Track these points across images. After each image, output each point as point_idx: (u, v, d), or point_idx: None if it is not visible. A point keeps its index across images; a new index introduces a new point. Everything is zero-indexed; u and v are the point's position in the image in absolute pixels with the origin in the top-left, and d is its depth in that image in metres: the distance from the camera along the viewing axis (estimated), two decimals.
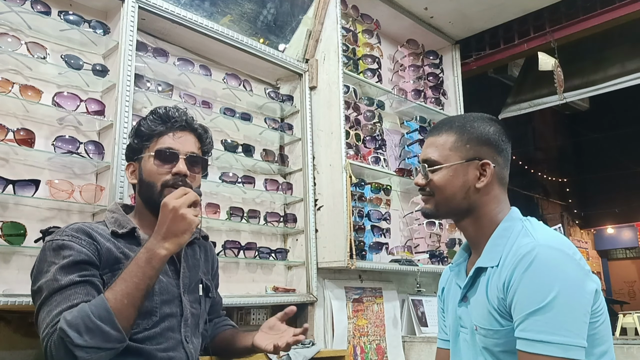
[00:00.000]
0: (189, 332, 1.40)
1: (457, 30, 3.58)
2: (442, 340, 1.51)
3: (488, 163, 1.29)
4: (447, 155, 1.31)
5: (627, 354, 2.22)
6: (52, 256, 1.25)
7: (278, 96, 2.75)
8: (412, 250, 3.20)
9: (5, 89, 1.76)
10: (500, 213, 1.31)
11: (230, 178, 2.42)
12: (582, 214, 10.60)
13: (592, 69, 3.87)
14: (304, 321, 2.58)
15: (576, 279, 1.12)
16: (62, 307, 1.17)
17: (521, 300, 1.13)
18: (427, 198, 1.36)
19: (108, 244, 1.32)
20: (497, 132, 1.33)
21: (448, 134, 1.33)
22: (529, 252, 1.14)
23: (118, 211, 1.45)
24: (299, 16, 2.86)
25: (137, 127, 1.48)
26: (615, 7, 3.25)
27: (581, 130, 9.58)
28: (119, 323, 1.15)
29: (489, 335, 1.21)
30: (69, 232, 1.29)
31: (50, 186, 1.82)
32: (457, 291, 1.37)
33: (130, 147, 1.50)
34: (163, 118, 1.45)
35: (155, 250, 1.23)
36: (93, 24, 2.02)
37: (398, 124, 3.42)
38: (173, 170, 1.40)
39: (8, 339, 1.75)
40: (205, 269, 1.58)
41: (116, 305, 1.16)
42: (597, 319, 1.16)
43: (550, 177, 9.29)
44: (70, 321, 1.13)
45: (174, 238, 1.25)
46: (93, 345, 1.12)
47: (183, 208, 1.25)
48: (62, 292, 1.19)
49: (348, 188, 2.60)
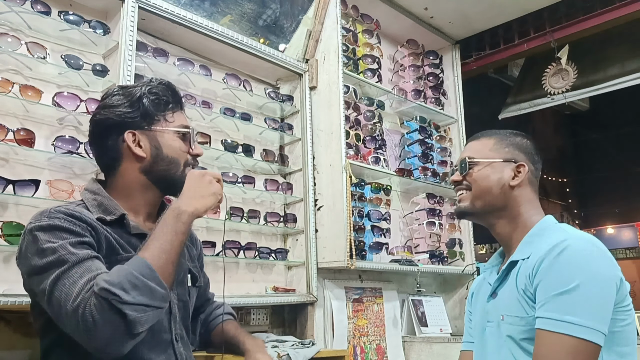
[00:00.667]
0: (178, 329, 1.31)
1: (457, 30, 3.58)
2: (466, 343, 1.54)
3: (523, 164, 1.38)
4: (487, 154, 1.41)
5: None
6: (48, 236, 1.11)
7: (278, 96, 2.75)
8: (412, 250, 3.20)
9: (5, 89, 1.76)
10: (534, 216, 1.37)
11: (230, 178, 2.42)
12: (582, 214, 10.59)
13: (592, 69, 3.86)
14: (304, 321, 2.59)
15: (605, 271, 1.16)
16: (88, 277, 1.05)
17: (548, 282, 1.16)
18: (464, 195, 1.42)
19: (103, 231, 1.20)
20: (533, 147, 1.44)
21: (488, 138, 1.44)
22: (561, 242, 1.18)
23: (101, 192, 1.29)
24: (299, 16, 2.86)
25: (152, 91, 1.31)
26: (615, 7, 3.25)
27: (581, 130, 9.57)
28: (162, 280, 1.09)
29: (515, 323, 1.23)
30: (59, 215, 1.15)
31: (50, 186, 1.82)
32: (487, 289, 1.40)
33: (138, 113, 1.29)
34: (172, 90, 1.36)
35: (182, 208, 1.19)
36: (93, 24, 2.02)
37: (398, 124, 3.42)
38: (194, 151, 1.36)
39: (8, 339, 1.75)
40: (190, 255, 1.47)
41: (155, 262, 1.09)
42: (625, 317, 1.19)
43: (550, 177, 9.28)
44: (111, 280, 1.03)
45: (201, 199, 1.22)
46: (142, 302, 1.04)
47: (210, 176, 1.26)
48: (82, 264, 1.07)
49: (348, 188, 2.60)
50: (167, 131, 1.32)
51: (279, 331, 2.62)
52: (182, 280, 1.38)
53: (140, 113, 1.29)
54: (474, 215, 1.44)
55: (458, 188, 1.45)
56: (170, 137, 1.32)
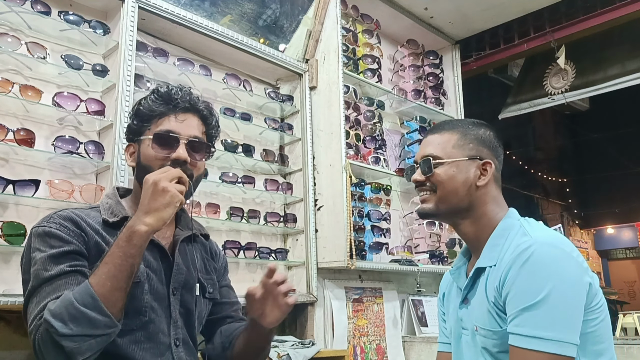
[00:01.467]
0: (180, 334, 1.31)
1: (457, 30, 3.58)
2: (443, 344, 1.51)
3: (489, 162, 1.31)
4: (450, 152, 1.33)
5: (627, 354, 2.23)
6: (39, 243, 1.18)
7: (278, 96, 2.75)
8: (412, 250, 3.20)
9: (5, 89, 1.76)
10: (498, 214, 1.31)
11: (230, 178, 2.42)
12: (582, 214, 10.59)
13: (592, 69, 3.86)
14: (304, 321, 2.59)
15: (573, 275, 1.12)
16: (50, 298, 1.11)
17: (516, 295, 1.12)
18: (428, 196, 1.34)
19: (97, 236, 1.24)
20: (494, 137, 1.36)
21: (450, 133, 1.35)
22: (526, 249, 1.14)
23: (113, 197, 1.36)
24: (299, 16, 2.86)
25: (137, 107, 1.37)
26: (615, 7, 3.25)
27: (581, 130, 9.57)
28: (106, 308, 1.08)
29: (488, 336, 1.20)
30: (57, 220, 1.22)
31: (50, 186, 1.82)
32: (457, 294, 1.37)
33: (130, 128, 1.39)
34: (165, 98, 1.34)
35: (135, 227, 1.14)
36: (93, 24, 2.02)
37: (398, 124, 3.42)
38: (172, 155, 1.29)
39: (8, 339, 1.75)
40: (206, 267, 1.47)
41: (100, 290, 1.09)
42: (596, 316, 1.16)
43: (550, 177, 9.29)
44: (53, 311, 1.07)
45: (155, 212, 1.15)
46: (79, 333, 1.06)
47: (164, 181, 1.17)
48: (52, 282, 1.13)
49: (348, 188, 2.60)
50: (146, 139, 1.33)
51: (279, 331, 2.62)
52: (189, 289, 1.36)
53: (131, 126, 1.38)
54: (437, 217, 1.40)
55: (421, 188, 1.36)
56: (147, 144, 1.32)
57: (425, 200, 1.35)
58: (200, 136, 1.36)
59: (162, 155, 1.30)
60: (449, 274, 1.46)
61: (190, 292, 1.37)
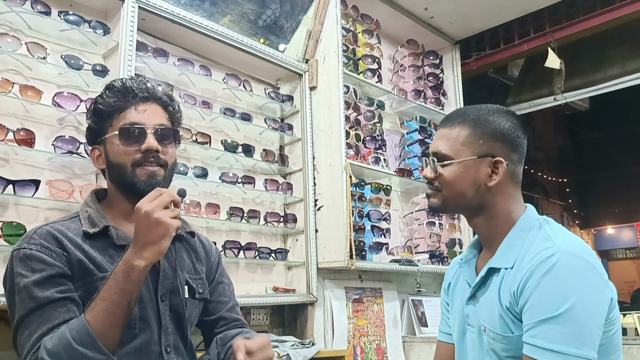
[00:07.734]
0: (171, 340, 1.28)
1: (457, 31, 3.58)
2: (444, 334, 1.48)
3: (501, 161, 1.23)
4: (459, 150, 1.25)
5: (627, 354, 2.23)
6: (21, 267, 1.14)
7: (278, 96, 2.75)
8: (412, 251, 3.20)
9: (5, 89, 1.76)
10: (514, 211, 1.26)
11: (230, 178, 2.42)
12: (582, 214, 10.58)
13: (592, 69, 3.86)
14: (304, 321, 2.59)
15: (596, 290, 1.09)
16: (42, 330, 1.09)
17: (536, 305, 1.08)
18: (435, 192, 1.30)
19: (78, 252, 1.19)
20: (513, 127, 1.27)
21: (461, 127, 1.27)
22: (550, 257, 1.09)
23: (92, 204, 1.30)
24: (299, 16, 2.86)
25: (94, 106, 1.31)
26: (615, 7, 3.25)
27: (581, 130, 9.56)
28: (103, 346, 1.07)
29: (497, 340, 1.17)
30: (37, 240, 1.17)
31: (50, 186, 1.82)
32: (465, 288, 1.32)
33: (90, 130, 1.34)
34: (121, 91, 1.29)
35: (132, 263, 1.11)
36: (93, 24, 2.02)
37: (398, 124, 3.42)
38: (142, 147, 1.25)
39: (8, 339, 1.74)
40: (194, 267, 1.41)
41: (98, 328, 1.07)
42: (611, 328, 1.14)
43: (550, 177, 9.28)
44: (50, 350, 1.05)
45: (152, 246, 1.12)
46: None
47: (157, 211, 1.12)
48: (41, 311, 1.11)
49: (348, 188, 2.60)
50: (111, 136, 1.29)
51: (279, 331, 2.62)
52: (177, 292, 1.32)
53: (92, 127, 1.33)
54: (447, 212, 1.37)
55: (429, 186, 1.32)
56: (113, 141, 1.28)
57: (432, 196, 1.31)
58: (165, 123, 1.33)
59: (132, 150, 1.26)
60: (456, 264, 1.42)
61: (178, 295, 1.33)
